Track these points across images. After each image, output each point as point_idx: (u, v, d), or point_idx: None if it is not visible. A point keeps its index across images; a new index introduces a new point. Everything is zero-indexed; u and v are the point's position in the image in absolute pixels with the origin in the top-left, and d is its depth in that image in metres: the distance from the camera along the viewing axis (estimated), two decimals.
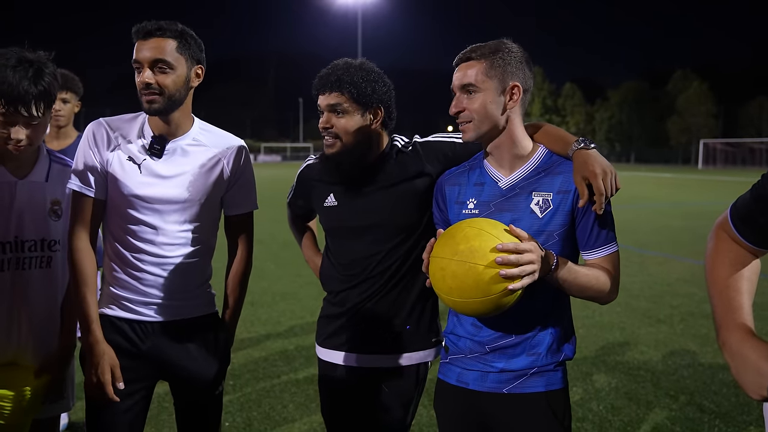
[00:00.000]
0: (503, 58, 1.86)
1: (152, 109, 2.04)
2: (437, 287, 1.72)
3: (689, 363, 5.07)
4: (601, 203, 1.78)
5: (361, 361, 2.18)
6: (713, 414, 4.08)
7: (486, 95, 1.86)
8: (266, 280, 8.01)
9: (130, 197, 2.07)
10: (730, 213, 1.40)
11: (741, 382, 1.21)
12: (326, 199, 2.23)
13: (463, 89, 1.88)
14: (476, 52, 1.88)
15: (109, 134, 2.11)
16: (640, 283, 7.99)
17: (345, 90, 2.08)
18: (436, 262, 1.70)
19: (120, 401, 2.07)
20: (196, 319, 2.21)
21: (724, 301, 1.33)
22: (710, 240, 1.45)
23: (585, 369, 4.87)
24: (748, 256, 1.38)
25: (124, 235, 2.10)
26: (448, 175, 2.08)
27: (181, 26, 2.08)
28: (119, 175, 2.08)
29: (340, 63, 2.15)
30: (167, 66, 2.02)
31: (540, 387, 1.90)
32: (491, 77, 1.85)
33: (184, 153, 2.14)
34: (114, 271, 2.13)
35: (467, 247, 1.64)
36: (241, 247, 2.32)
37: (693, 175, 45.73)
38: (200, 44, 2.13)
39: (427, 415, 3.94)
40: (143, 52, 2.01)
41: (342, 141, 2.10)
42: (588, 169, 1.80)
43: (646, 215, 16.21)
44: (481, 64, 1.86)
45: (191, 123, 2.19)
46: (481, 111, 1.86)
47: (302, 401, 4.23)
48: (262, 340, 5.60)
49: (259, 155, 78.16)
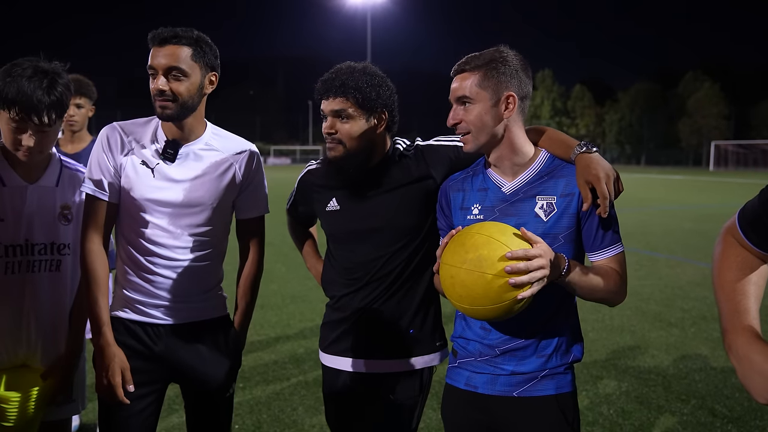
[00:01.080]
0: (497, 69, 1.86)
1: (165, 115, 2.06)
2: (448, 293, 1.73)
3: (701, 367, 5.04)
4: (605, 207, 1.79)
5: (365, 366, 2.18)
6: (725, 418, 4.04)
7: (481, 106, 1.87)
8: (276, 283, 8.03)
9: (143, 201, 2.09)
10: (738, 218, 1.40)
11: (747, 386, 1.21)
12: (328, 203, 2.23)
13: (458, 101, 1.90)
14: (470, 63, 1.89)
15: (123, 138, 2.14)
16: (650, 286, 7.94)
17: (350, 95, 2.07)
18: (446, 269, 1.71)
19: (132, 403, 2.08)
20: (207, 321, 2.22)
21: (731, 304, 1.33)
22: (718, 244, 1.45)
23: (595, 372, 4.85)
24: (756, 260, 1.37)
25: (136, 239, 2.12)
26: (451, 181, 2.08)
27: (197, 33, 2.09)
28: (133, 179, 2.10)
29: (344, 67, 2.15)
30: (181, 74, 2.04)
31: (550, 390, 1.90)
32: (485, 88, 1.86)
33: (197, 157, 2.16)
34: (127, 274, 2.15)
35: (476, 255, 1.64)
36: (253, 250, 2.33)
37: (704, 177, 45.42)
38: (215, 51, 2.14)
39: (436, 419, 3.93)
40: (158, 58, 2.03)
41: (345, 146, 2.10)
42: (591, 172, 1.81)
43: (656, 218, 16.12)
44: (474, 75, 1.87)
45: (204, 128, 2.21)
46: (477, 122, 1.88)
47: (312, 404, 4.23)
48: (272, 342, 5.61)
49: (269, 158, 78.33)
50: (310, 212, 2.42)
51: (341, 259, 2.24)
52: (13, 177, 2.16)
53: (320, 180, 2.27)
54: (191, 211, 2.13)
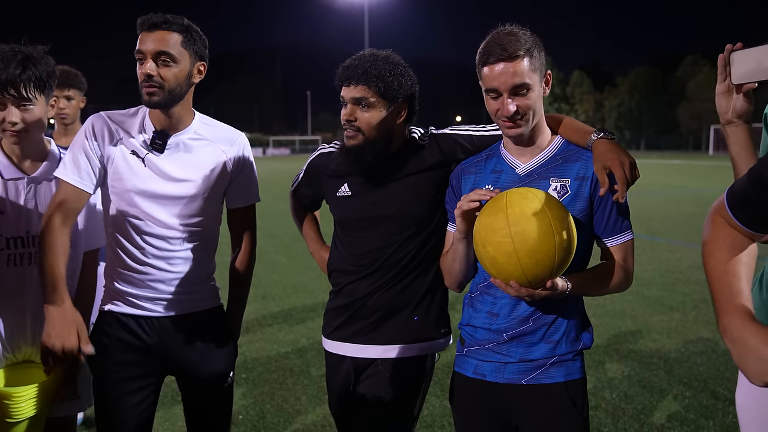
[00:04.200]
0: (539, 49, 1.84)
1: (152, 102, 2.03)
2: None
3: (702, 350, 5.05)
4: (623, 192, 1.79)
5: (368, 352, 2.18)
6: (727, 401, 4.06)
7: (537, 90, 1.84)
8: (277, 273, 8.04)
9: (133, 192, 2.07)
10: (726, 197, 1.38)
11: (743, 368, 1.20)
12: (340, 188, 2.21)
13: (514, 89, 1.80)
14: (519, 47, 1.78)
15: (111, 128, 2.10)
16: (651, 270, 7.96)
17: (372, 84, 2.04)
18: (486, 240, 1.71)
19: (128, 397, 2.09)
20: (201, 312, 2.21)
21: (723, 287, 1.32)
22: (706, 225, 1.44)
23: (597, 357, 4.86)
24: (746, 240, 1.36)
25: (127, 230, 2.10)
26: (465, 164, 2.07)
27: (187, 21, 2.07)
28: (123, 170, 2.08)
29: (367, 54, 2.11)
30: (171, 59, 2.01)
31: (559, 377, 1.90)
32: (535, 71, 1.83)
33: (186, 147, 2.14)
34: (118, 266, 2.13)
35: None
36: (245, 239, 2.32)
37: (704, 161, 45.36)
38: (205, 41, 2.12)
39: (440, 405, 3.95)
40: (147, 43, 2.00)
41: (364, 134, 2.08)
42: (609, 157, 1.81)
43: (656, 202, 16.11)
44: (524, 59, 1.79)
45: (192, 117, 2.18)
46: (534, 106, 1.84)
47: (315, 393, 4.25)
48: (275, 333, 5.63)
49: (268, 149, 78.12)
50: (315, 195, 2.41)
51: (349, 245, 2.23)
52: (11, 169, 2.16)
53: (334, 165, 2.24)
54: (182, 202, 2.12)
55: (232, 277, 2.33)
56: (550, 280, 1.67)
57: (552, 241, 1.62)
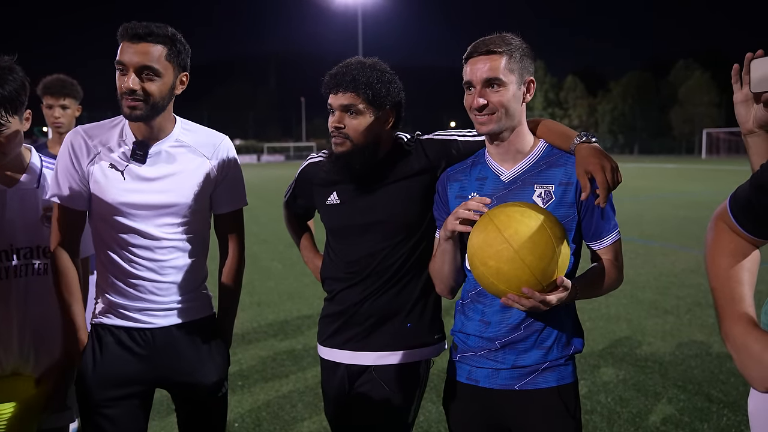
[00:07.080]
0: (522, 53, 1.87)
1: (134, 116, 1.98)
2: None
3: (696, 353, 5.07)
4: (605, 196, 1.79)
5: (363, 359, 2.18)
6: (721, 403, 4.07)
7: (511, 89, 1.86)
8: (272, 280, 8.03)
9: (116, 205, 2.03)
10: (729, 204, 1.39)
11: (746, 375, 1.20)
12: (329, 197, 2.22)
13: (486, 83, 1.85)
14: (499, 45, 1.85)
15: (88, 143, 2.06)
16: (645, 274, 7.98)
17: (360, 91, 2.06)
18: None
19: (119, 409, 2.06)
20: (193, 322, 2.17)
21: (725, 292, 1.32)
22: (709, 231, 1.44)
23: (592, 362, 4.87)
24: (749, 246, 1.36)
25: (115, 243, 2.07)
26: (450, 171, 2.09)
27: (171, 30, 2.01)
28: (103, 184, 2.04)
29: (354, 62, 2.13)
30: (154, 74, 1.95)
31: (552, 382, 1.91)
32: (513, 72, 1.85)
33: (168, 156, 2.10)
34: (108, 279, 2.10)
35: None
36: (233, 245, 2.29)
37: (696, 165, 45.53)
38: (188, 50, 2.07)
39: (436, 411, 3.95)
40: (131, 55, 1.93)
41: (352, 141, 2.09)
42: (590, 162, 1.81)
43: (650, 206, 16.15)
44: (503, 58, 1.84)
45: (173, 124, 2.14)
46: (506, 105, 1.86)
47: (311, 400, 4.24)
48: (270, 340, 5.62)
49: (263, 155, 78.08)
50: (308, 205, 2.42)
51: (341, 252, 2.24)
52: None
53: (323, 173, 2.25)
54: (168, 211, 2.08)
55: (222, 284, 2.30)
56: (558, 276, 1.68)
57: (546, 233, 1.66)
